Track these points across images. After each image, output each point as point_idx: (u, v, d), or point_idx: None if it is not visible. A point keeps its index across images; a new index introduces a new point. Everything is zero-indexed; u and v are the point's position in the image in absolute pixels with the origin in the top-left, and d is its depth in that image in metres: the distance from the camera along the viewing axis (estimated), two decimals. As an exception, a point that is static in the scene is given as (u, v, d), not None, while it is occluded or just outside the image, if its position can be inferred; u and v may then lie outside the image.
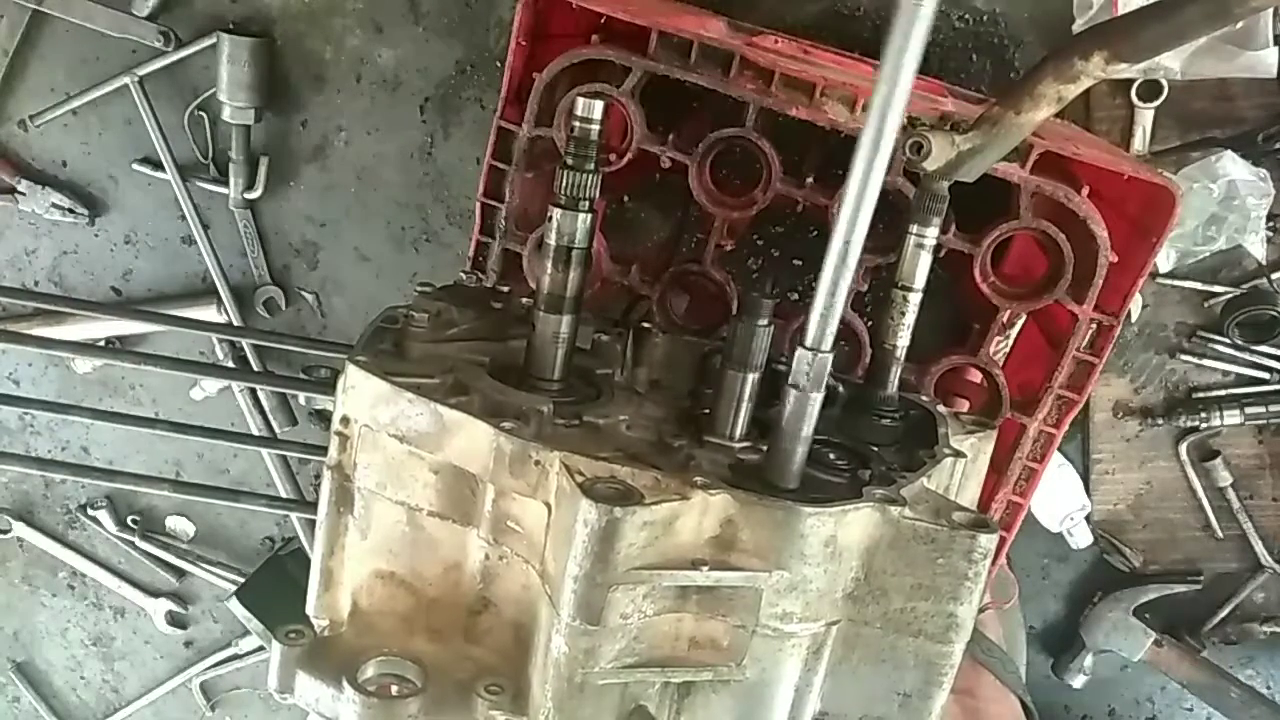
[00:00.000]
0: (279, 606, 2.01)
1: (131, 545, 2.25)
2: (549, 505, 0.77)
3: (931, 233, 1.00)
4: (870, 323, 1.23)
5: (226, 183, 1.87)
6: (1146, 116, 1.62)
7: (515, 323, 1.03)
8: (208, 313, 1.98)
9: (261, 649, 2.28)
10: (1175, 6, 0.78)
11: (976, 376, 1.27)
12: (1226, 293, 1.71)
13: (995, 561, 0.87)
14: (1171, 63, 1.52)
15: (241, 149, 1.84)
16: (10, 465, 2.14)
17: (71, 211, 1.95)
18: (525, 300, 1.06)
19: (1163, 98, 1.60)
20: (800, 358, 0.77)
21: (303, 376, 1.96)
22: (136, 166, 1.91)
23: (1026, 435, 1.23)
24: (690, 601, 0.77)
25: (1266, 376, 1.76)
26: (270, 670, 0.84)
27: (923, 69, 1.68)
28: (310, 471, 2.11)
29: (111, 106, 1.88)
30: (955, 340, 1.33)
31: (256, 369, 2.01)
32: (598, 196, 0.87)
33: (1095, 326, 1.19)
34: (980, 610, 0.84)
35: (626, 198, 1.72)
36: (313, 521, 0.90)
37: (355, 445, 0.85)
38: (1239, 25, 1.46)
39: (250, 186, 1.88)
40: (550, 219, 0.87)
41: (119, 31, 1.79)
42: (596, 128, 0.85)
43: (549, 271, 0.88)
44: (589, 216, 0.87)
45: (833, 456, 0.89)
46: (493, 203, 1.27)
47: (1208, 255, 1.64)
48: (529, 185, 1.27)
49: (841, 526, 0.76)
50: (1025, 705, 1.42)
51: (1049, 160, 1.12)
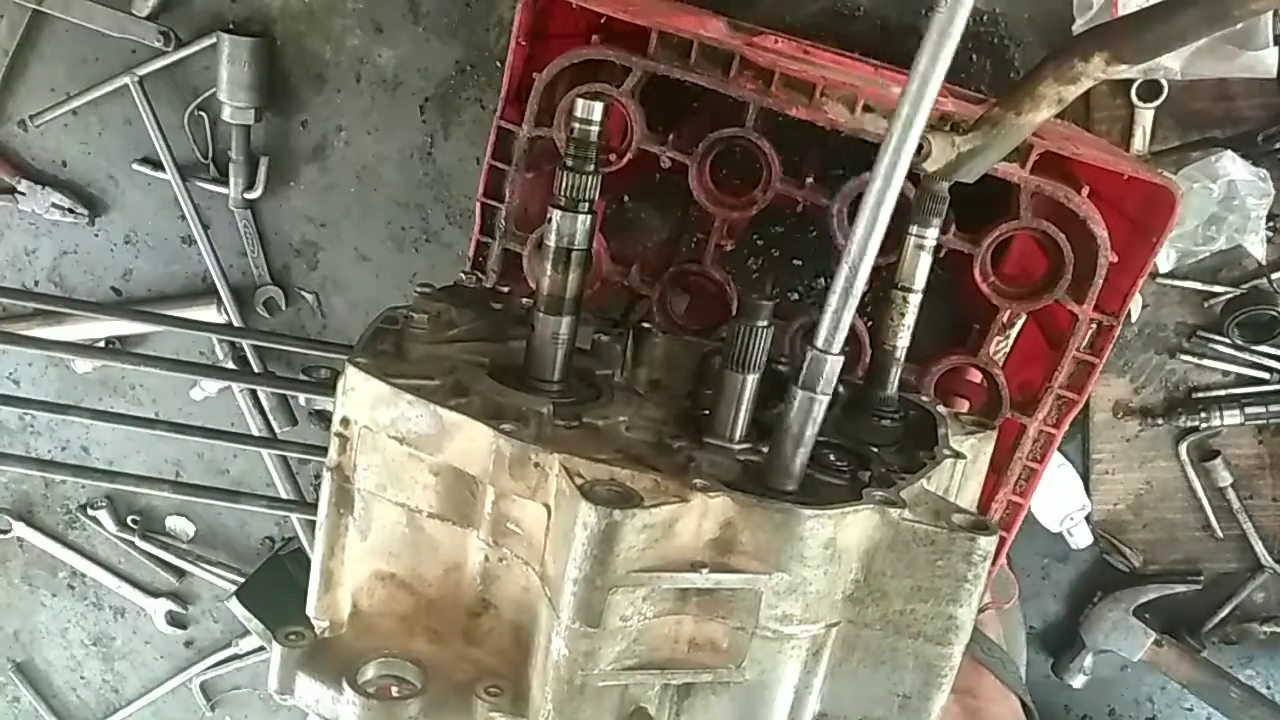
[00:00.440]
0: (279, 606, 2.01)
1: (131, 545, 2.25)
2: (549, 507, 0.77)
3: (931, 233, 1.00)
4: (870, 323, 1.23)
5: (226, 183, 1.87)
6: (1146, 116, 1.62)
7: (515, 323, 1.03)
8: (208, 313, 1.98)
9: (261, 649, 2.28)
10: (1175, 8, 0.78)
11: (976, 376, 1.27)
12: (1226, 293, 1.71)
13: (995, 562, 0.87)
14: (1171, 63, 1.52)
15: (241, 149, 1.84)
16: (10, 465, 2.13)
17: (71, 211, 1.94)
18: (525, 301, 1.06)
19: (1163, 98, 1.60)
20: (810, 359, 0.76)
21: (303, 377, 1.96)
22: (136, 166, 1.91)
23: (1026, 435, 1.23)
24: (690, 603, 0.77)
25: (1266, 376, 1.76)
26: (270, 671, 0.84)
27: (923, 69, 1.67)
28: (310, 472, 2.11)
29: (111, 106, 1.88)
30: (955, 340, 1.33)
31: (256, 369, 2.01)
32: (597, 197, 0.87)
33: (1095, 326, 1.18)
34: (980, 610, 0.84)
35: (626, 198, 1.72)
36: (313, 522, 0.90)
37: (355, 447, 0.85)
38: (1239, 26, 1.46)
39: (250, 186, 1.87)
40: (550, 220, 0.87)
41: (119, 31, 1.79)
42: (596, 129, 0.85)
43: (548, 273, 0.88)
44: (589, 218, 0.87)
45: (832, 457, 0.89)
46: (493, 203, 1.27)
47: (1208, 255, 1.64)
48: (529, 185, 1.27)
49: (841, 528, 0.76)
50: (1025, 705, 1.42)
51: (1049, 160, 1.12)
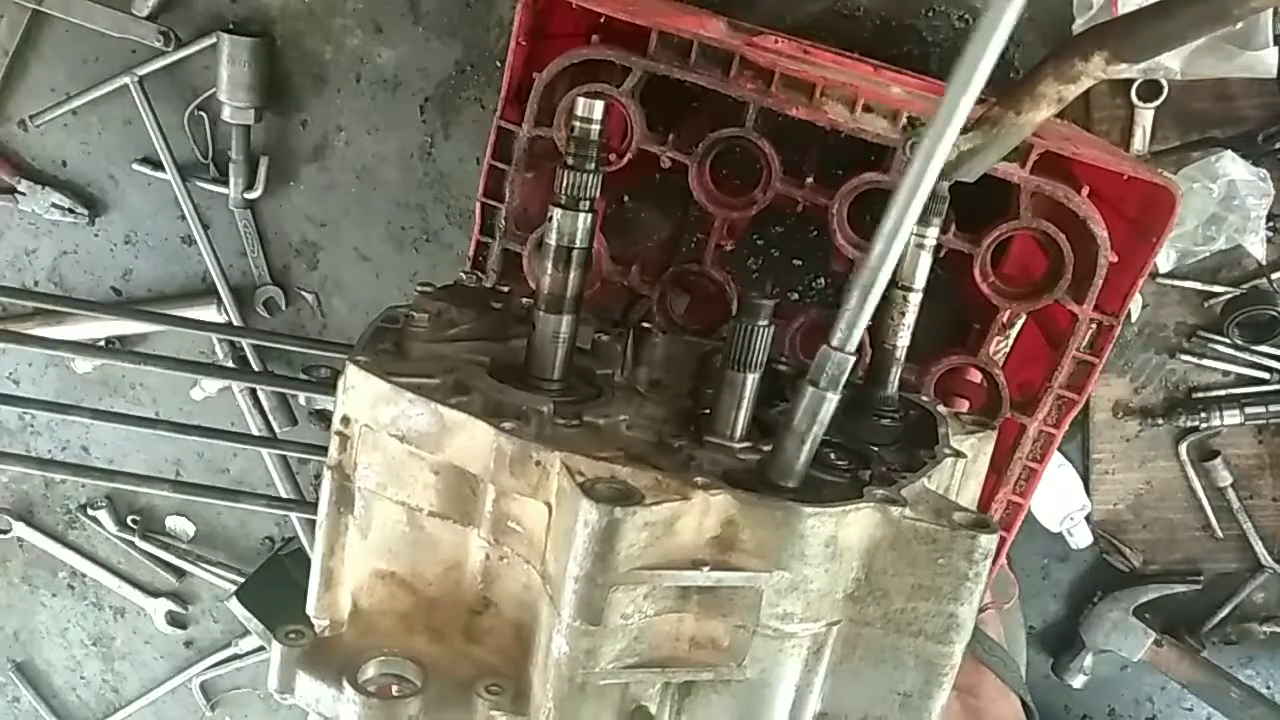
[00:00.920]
0: (279, 606, 2.01)
1: (131, 545, 2.25)
2: (550, 505, 0.76)
3: (932, 233, 1.00)
4: (870, 323, 1.23)
5: (226, 183, 1.87)
6: (1146, 116, 1.62)
7: (515, 323, 1.03)
8: (208, 313, 1.98)
9: (261, 649, 2.28)
10: (1175, 7, 0.78)
11: (976, 376, 1.27)
12: (1226, 293, 1.71)
13: (995, 562, 0.87)
14: (1171, 63, 1.52)
15: (241, 149, 1.84)
16: (10, 465, 2.14)
17: (71, 211, 1.95)
18: (525, 300, 1.06)
19: (1163, 98, 1.60)
20: (824, 356, 0.76)
21: (303, 376, 1.96)
22: (136, 166, 1.91)
23: (1026, 435, 1.23)
24: (691, 602, 0.77)
25: (1266, 376, 1.76)
26: (270, 670, 0.84)
27: (923, 69, 1.68)
28: (310, 471, 2.11)
29: (111, 106, 1.88)
30: (955, 340, 1.33)
31: (256, 369, 2.01)
32: (598, 196, 0.87)
33: (1095, 326, 1.18)
34: (980, 610, 0.84)
35: (626, 198, 1.72)
36: (313, 521, 0.90)
37: (355, 445, 0.85)
38: (1239, 25, 1.46)
39: (250, 186, 1.88)
40: (550, 219, 0.87)
41: (119, 31, 1.79)
42: (597, 128, 0.85)
43: (549, 271, 0.88)
44: (589, 216, 0.87)
45: (833, 456, 0.89)
46: (493, 203, 1.27)
47: (1208, 255, 1.64)
48: (529, 185, 1.27)
49: (842, 527, 0.76)
50: (1026, 704, 1.42)
51: (1049, 160, 1.12)
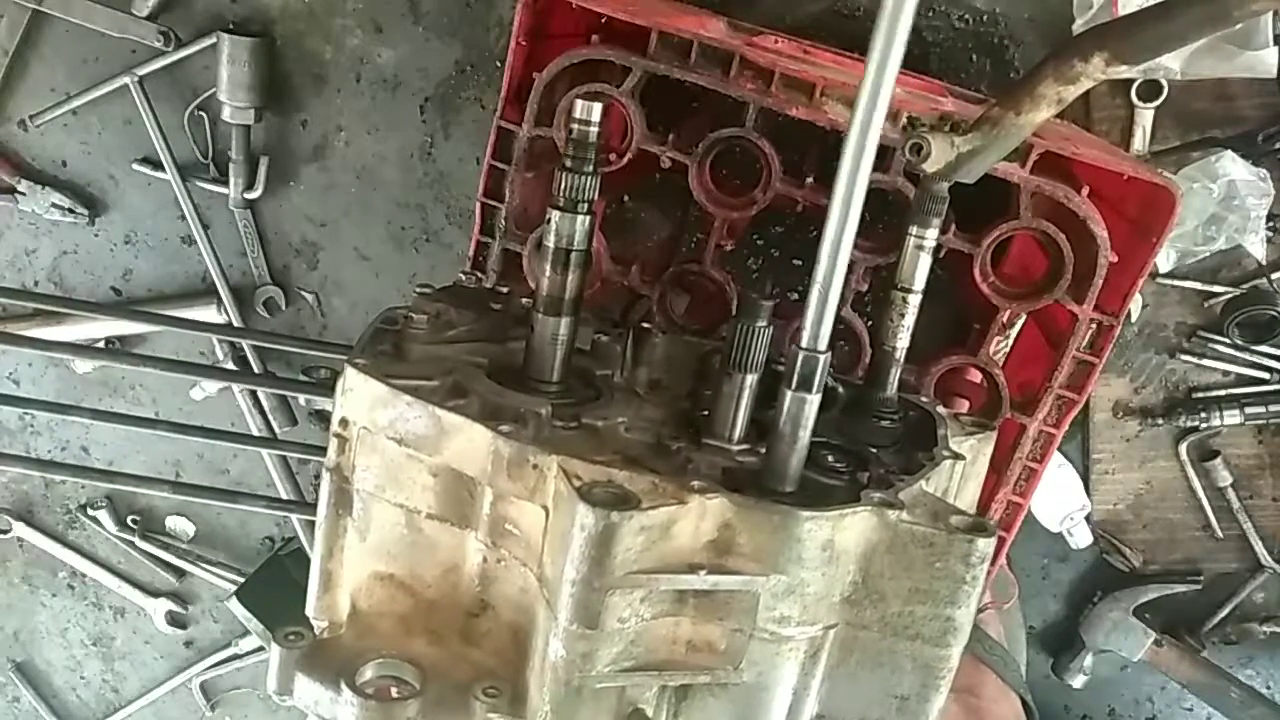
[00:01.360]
0: (279, 607, 2.01)
1: (131, 545, 2.25)
2: (547, 509, 0.76)
3: (931, 234, 1.00)
4: (870, 323, 1.23)
5: (226, 183, 1.87)
6: (1146, 116, 1.62)
7: (514, 324, 1.03)
8: (208, 313, 1.98)
9: (261, 649, 2.28)
10: (1175, 7, 0.78)
11: (976, 376, 1.27)
12: (1226, 293, 1.71)
13: (995, 562, 0.87)
14: (1171, 63, 1.52)
15: (241, 149, 1.84)
16: (10, 465, 2.14)
17: (71, 211, 1.95)
18: (525, 301, 1.06)
19: (1163, 98, 1.60)
20: (794, 358, 0.76)
21: (302, 377, 1.96)
22: (136, 166, 1.91)
23: (1026, 435, 1.23)
24: (688, 605, 0.77)
25: (1266, 376, 1.76)
26: (269, 672, 0.84)
27: (923, 69, 1.68)
28: (310, 472, 2.11)
29: (111, 106, 1.88)
30: (955, 340, 1.33)
31: (256, 369, 2.01)
32: (597, 197, 0.87)
33: (1095, 326, 1.18)
34: (980, 610, 0.84)
35: (626, 198, 1.72)
36: (312, 522, 0.90)
37: (354, 447, 0.85)
38: (1239, 25, 1.46)
39: (250, 186, 1.87)
40: (549, 221, 0.87)
41: (119, 31, 1.79)
42: (595, 130, 0.85)
43: (548, 273, 0.88)
44: (588, 218, 0.87)
45: (831, 459, 0.89)
46: (493, 203, 1.27)
47: (1208, 255, 1.64)
48: (529, 185, 1.27)
49: (839, 530, 0.76)
50: (1026, 704, 1.42)
51: (1049, 160, 1.12)
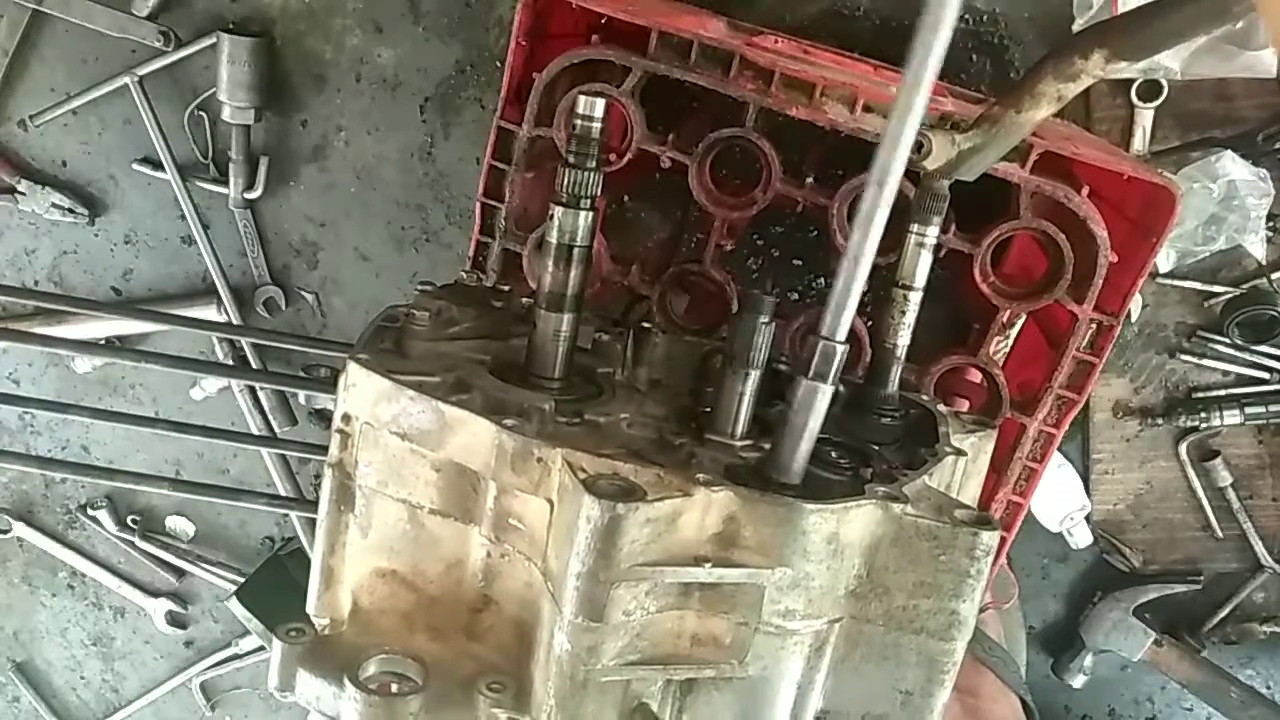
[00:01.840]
0: (279, 606, 2.01)
1: (131, 545, 2.25)
2: (551, 502, 0.76)
3: (932, 232, 1.00)
4: (870, 322, 1.23)
5: (226, 183, 1.87)
6: (1146, 116, 1.62)
7: (516, 321, 1.03)
8: (208, 313, 1.98)
9: (261, 649, 2.28)
10: (1175, 6, 0.78)
11: (976, 376, 1.27)
12: (1226, 293, 1.71)
13: (996, 561, 0.87)
14: (1171, 63, 1.53)
15: (241, 149, 1.84)
16: (10, 465, 2.14)
17: (71, 211, 1.94)
18: (526, 299, 1.06)
19: (1163, 98, 1.60)
20: (812, 345, 0.76)
21: (303, 375, 1.96)
22: (136, 166, 1.91)
23: (1026, 435, 1.23)
24: (693, 598, 0.77)
25: (1266, 376, 1.76)
26: (271, 669, 0.84)
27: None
28: (310, 471, 2.11)
29: (111, 106, 1.88)
30: (955, 340, 1.33)
31: (256, 368, 2.01)
32: (598, 195, 0.87)
33: (1095, 326, 1.19)
34: (981, 610, 0.84)
35: (626, 198, 1.72)
36: (313, 521, 0.90)
37: (356, 443, 0.85)
38: (1239, 25, 1.47)
39: (250, 186, 1.88)
40: (551, 217, 0.87)
41: (119, 31, 1.79)
42: (598, 126, 0.85)
43: (550, 270, 0.88)
44: (590, 214, 0.87)
45: (834, 455, 0.89)
46: (493, 203, 1.27)
47: (1208, 255, 1.64)
48: (529, 185, 1.27)
49: (844, 523, 0.76)
50: (1026, 704, 1.42)
51: (1049, 160, 1.12)
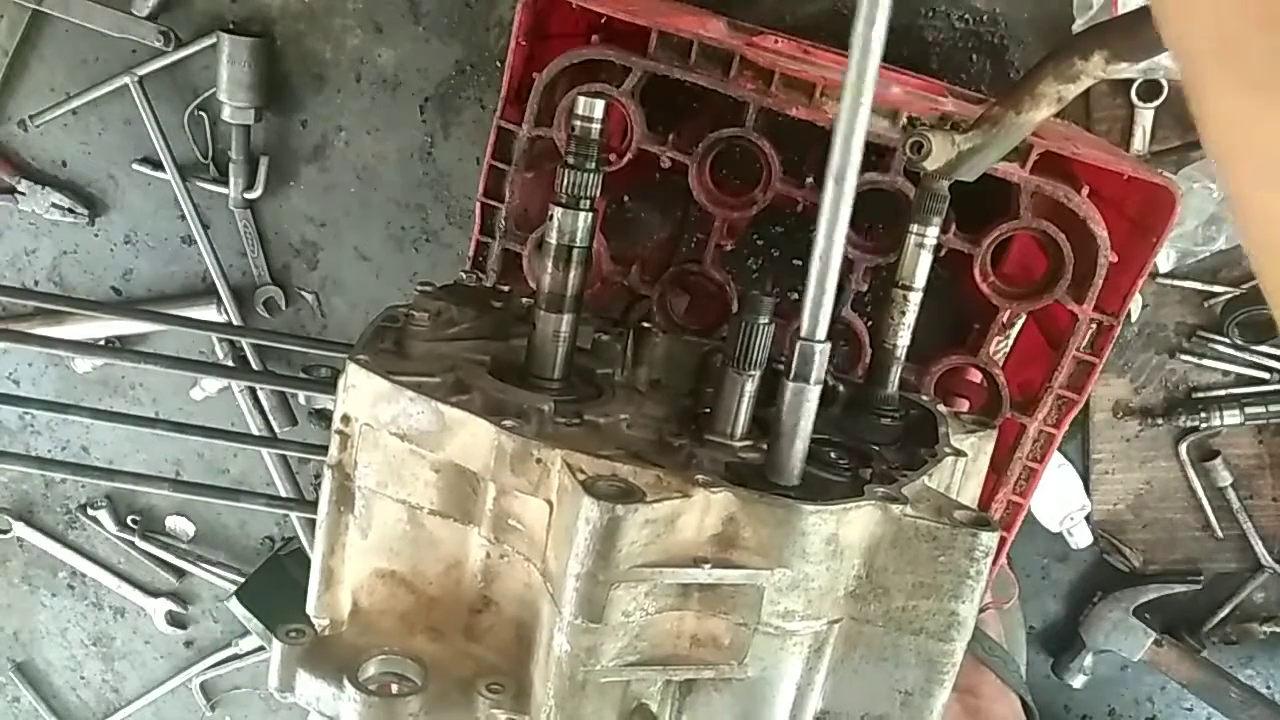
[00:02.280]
0: (279, 606, 2.01)
1: (131, 545, 2.25)
2: (550, 503, 0.77)
3: (932, 232, 1.00)
4: (870, 322, 1.23)
5: (226, 183, 1.87)
6: (1146, 116, 1.62)
7: (516, 322, 1.03)
8: (208, 313, 1.98)
9: (261, 649, 2.28)
10: (1175, 6, 0.78)
11: (976, 376, 1.27)
12: (1226, 293, 1.71)
13: (996, 561, 0.87)
14: (1171, 63, 1.52)
15: (241, 149, 1.84)
16: (10, 465, 2.14)
17: (71, 211, 1.94)
18: (525, 300, 1.06)
19: (1163, 98, 1.60)
20: (796, 349, 0.76)
21: (303, 375, 1.96)
22: (136, 166, 1.91)
23: (1026, 435, 1.23)
24: (692, 599, 0.77)
25: (1266, 376, 1.76)
26: (271, 669, 0.84)
27: (923, 69, 1.68)
28: (310, 471, 2.11)
29: (111, 106, 1.88)
30: (955, 340, 1.33)
31: (256, 369, 2.01)
32: (598, 195, 0.87)
33: (1095, 326, 1.19)
34: (981, 610, 0.84)
35: (626, 198, 1.72)
36: (313, 521, 0.90)
37: (356, 444, 0.85)
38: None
39: (250, 186, 1.87)
40: (551, 218, 0.87)
41: (119, 31, 1.79)
42: (597, 126, 0.85)
43: (549, 270, 0.88)
44: (590, 215, 0.87)
45: (833, 455, 0.89)
46: (493, 203, 1.27)
47: (1208, 255, 1.64)
48: (529, 185, 1.27)
49: (843, 524, 0.76)
50: (1026, 704, 1.42)
51: (1049, 160, 1.12)
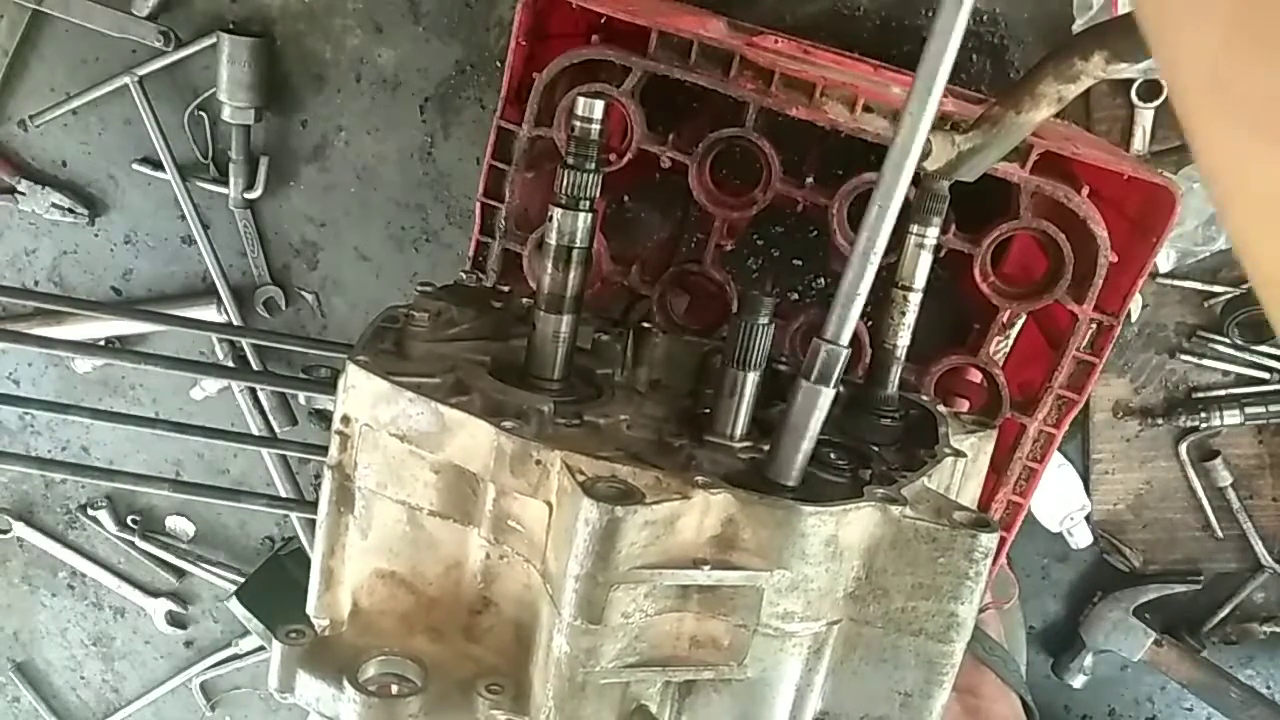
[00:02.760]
0: (279, 606, 2.01)
1: (131, 545, 2.25)
2: (550, 504, 0.77)
3: (932, 232, 1.00)
4: (870, 322, 1.23)
5: (226, 183, 1.87)
6: (1146, 116, 1.62)
7: (516, 322, 1.03)
8: (208, 313, 1.98)
9: (261, 649, 2.28)
10: (1175, 6, 0.78)
11: (976, 376, 1.27)
12: (1226, 293, 1.71)
13: (995, 561, 0.87)
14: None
15: (241, 149, 1.84)
16: (10, 465, 2.14)
17: (71, 211, 1.94)
18: (525, 300, 1.06)
19: (1163, 98, 1.60)
20: (819, 351, 0.76)
21: (303, 376, 1.96)
22: (136, 166, 1.91)
23: (1026, 435, 1.23)
24: (691, 601, 0.77)
25: (1266, 376, 1.76)
26: (271, 670, 0.84)
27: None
28: (310, 471, 2.11)
29: (111, 106, 1.88)
30: (955, 340, 1.33)
31: (256, 369, 2.01)
32: (598, 196, 0.87)
33: (1095, 326, 1.18)
34: (981, 610, 0.84)
35: (626, 198, 1.72)
36: (313, 521, 0.90)
37: (356, 444, 0.85)
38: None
39: (250, 186, 1.87)
40: (551, 218, 0.87)
41: (119, 31, 1.79)
42: (597, 127, 0.85)
43: (549, 271, 0.88)
44: (589, 216, 0.87)
45: (833, 456, 0.89)
46: (493, 203, 1.27)
47: (1208, 255, 1.64)
48: (529, 185, 1.27)
49: (842, 526, 0.76)
50: (1026, 704, 1.42)
51: (1049, 160, 1.12)
